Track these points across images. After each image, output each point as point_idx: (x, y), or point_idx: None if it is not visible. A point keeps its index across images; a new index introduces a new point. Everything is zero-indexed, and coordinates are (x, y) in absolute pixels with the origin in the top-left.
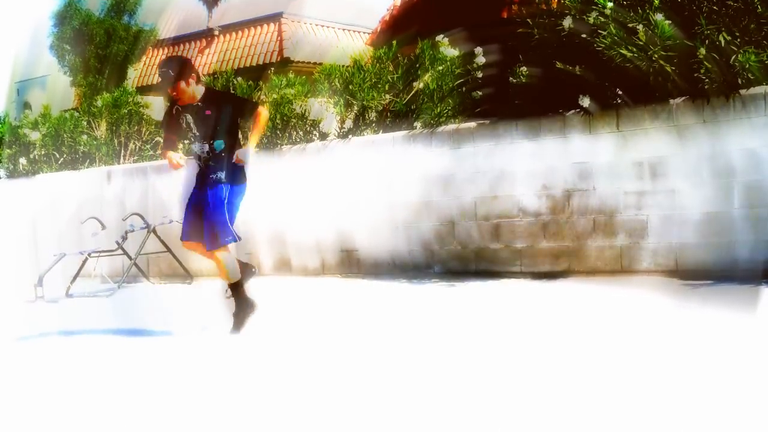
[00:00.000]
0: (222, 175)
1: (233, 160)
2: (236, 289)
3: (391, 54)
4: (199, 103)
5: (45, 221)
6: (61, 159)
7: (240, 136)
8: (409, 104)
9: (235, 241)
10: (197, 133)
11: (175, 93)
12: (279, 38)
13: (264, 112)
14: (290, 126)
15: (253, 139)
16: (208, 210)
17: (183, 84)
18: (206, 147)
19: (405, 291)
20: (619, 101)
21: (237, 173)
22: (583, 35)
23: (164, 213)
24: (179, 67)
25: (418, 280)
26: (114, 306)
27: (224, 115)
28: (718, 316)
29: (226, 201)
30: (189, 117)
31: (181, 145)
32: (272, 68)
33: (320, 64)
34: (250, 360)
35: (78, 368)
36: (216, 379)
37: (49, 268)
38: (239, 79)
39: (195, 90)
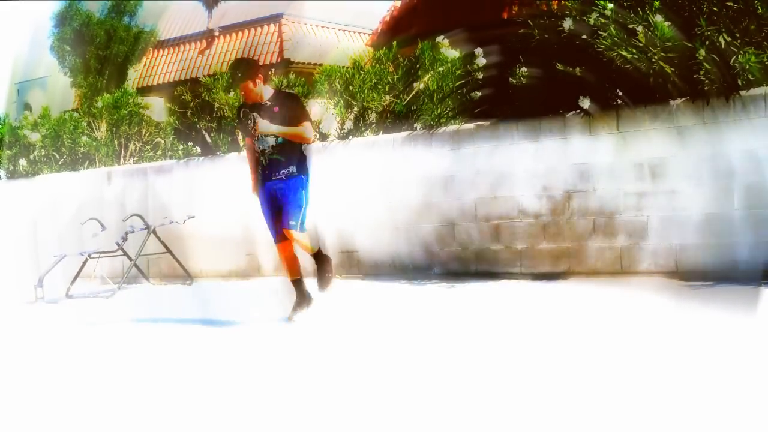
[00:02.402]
0: (294, 168)
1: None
2: (319, 257)
3: (391, 55)
4: (267, 102)
5: (45, 222)
6: (61, 160)
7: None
8: (409, 105)
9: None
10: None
11: (243, 92)
12: (279, 39)
13: (307, 128)
14: None
15: (280, 129)
16: (286, 202)
17: (250, 84)
18: (273, 140)
19: (405, 292)
20: (619, 102)
21: (303, 164)
22: (584, 36)
23: (164, 214)
24: (246, 69)
25: (418, 281)
26: (114, 306)
27: (289, 112)
28: (719, 317)
29: (304, 191)
30: (256, 116)
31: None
32: (273, 69)
33: (320, 65)
34: (250, 360)
35: (78, 368)
36: (215, 379)
37: (49, 269)
38: None
39: (262, 90)
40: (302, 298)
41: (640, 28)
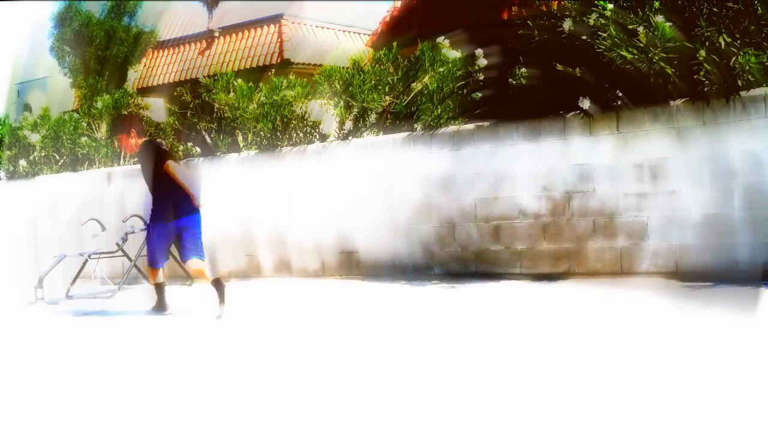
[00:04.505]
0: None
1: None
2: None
3: (391, 55)
4: (137, 155)
5: (45, 223)
6: (61, 161)
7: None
8: (409, 106)
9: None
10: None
11: (120, 144)
12: (279, 40)
13: (171, 166)
14: (290, 127)
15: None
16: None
17: (124, 137)
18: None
19: (405, 292)
20: (619, 103)
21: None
22: (584, 37)
23: None
24: (121, 124)
25: (418, 281)
26: (114, 307)
27: (147, 166)
28: (718, 318)
29: (150, 233)
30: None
31: None
32: (272, 70)
33: (320, 65)
34: (250, 360)
35: (78, 368)
36: (215, 379)
37: (49, 270)
38: (239, 80)
39: (137, 142)
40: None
41: (640, 29)
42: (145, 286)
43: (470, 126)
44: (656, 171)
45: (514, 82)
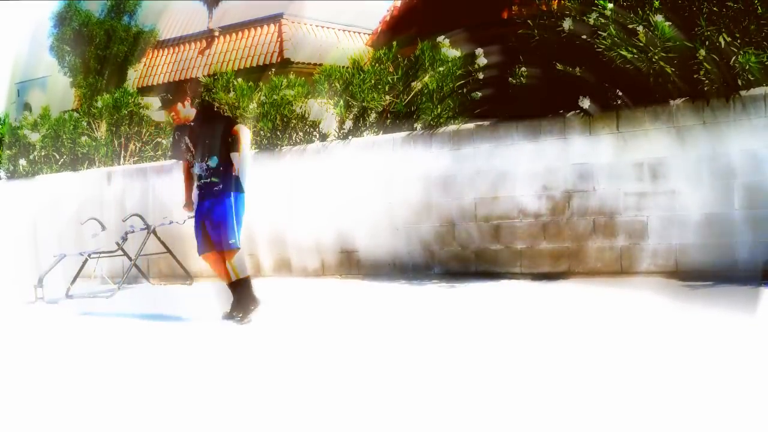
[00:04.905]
0: (222, 186)
1: (233, 173)
2: (242, 285)
3: (391, 55)
4: (192, 123)
5: (45, 222)
6: (61, 160)
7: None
8: (409, 105)
9: (237, 248)
10: (195, 153)
11: (172, 114)
12: (279, 39)
13: (242, 131)
14: (290, 127)
15: (242, 158)
16: (215, 219)
17: (179, 105)
18: (204, 166)
19: (405, 292)
20: (619, 102)
21: (237, 183)
22: (584, 36)
23: (164, 214)
24: (176, 91)
25: (418, 281)
26: (114, 306)
27: (215, 132)
28: (718, 318)
29: (233, 208)
30: (187, 139)
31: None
32: (272, 69)
33: (320, 65)
34: (250, 361)
35: (77, 368)
36: (215, 379)
37: (49, 269)
38: (239, 80)
39: (189, 111)
40: (247, 299)
41: (640, 28)
42: (145, 285)
43: (470, 125)
44: (656, 170)
45: (514, 82)
